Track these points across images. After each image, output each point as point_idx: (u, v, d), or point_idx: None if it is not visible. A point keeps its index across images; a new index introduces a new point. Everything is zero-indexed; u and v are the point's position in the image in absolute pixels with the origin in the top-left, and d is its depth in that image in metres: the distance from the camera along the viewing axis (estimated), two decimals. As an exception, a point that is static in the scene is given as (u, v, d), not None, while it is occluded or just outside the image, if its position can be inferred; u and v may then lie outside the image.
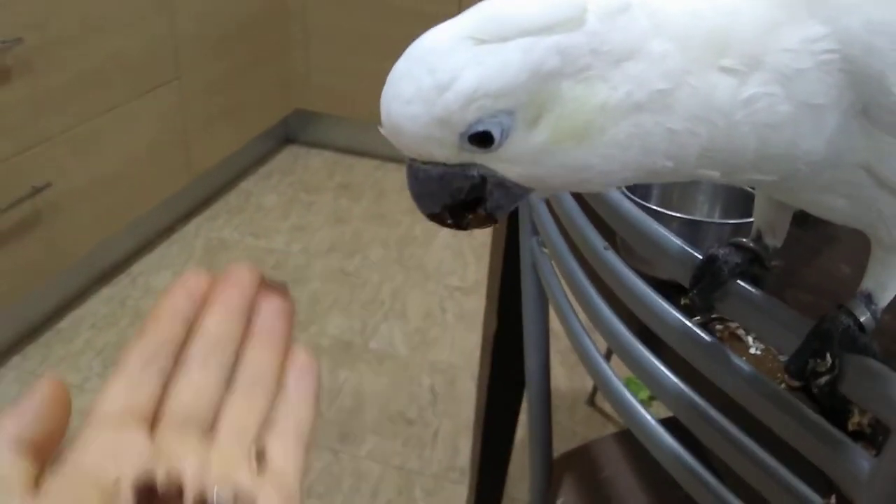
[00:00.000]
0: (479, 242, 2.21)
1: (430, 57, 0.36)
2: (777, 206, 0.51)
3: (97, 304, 1.94)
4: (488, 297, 1.20)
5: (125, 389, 0.32)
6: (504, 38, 0.35)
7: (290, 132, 2.89)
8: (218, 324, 0.34)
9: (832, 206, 0.42)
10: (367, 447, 1.60)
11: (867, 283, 0.45)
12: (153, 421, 0.32)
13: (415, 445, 1.61)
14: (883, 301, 0.45)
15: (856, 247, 0.52)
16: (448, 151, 0.38)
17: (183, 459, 0.30)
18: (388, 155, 2.79)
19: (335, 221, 2.41)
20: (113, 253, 2.07)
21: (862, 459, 0.41)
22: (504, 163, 0.38)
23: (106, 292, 1.99)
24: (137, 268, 2.09)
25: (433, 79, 0.36)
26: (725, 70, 0.37)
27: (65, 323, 1.87)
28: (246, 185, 2.59)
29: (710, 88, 0.37)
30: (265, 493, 0.30)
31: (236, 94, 2.42)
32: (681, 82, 0.36)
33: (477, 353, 1.27)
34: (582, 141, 0.37)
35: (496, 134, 0.36)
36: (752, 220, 0.54)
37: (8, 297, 1.69)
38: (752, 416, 0.49)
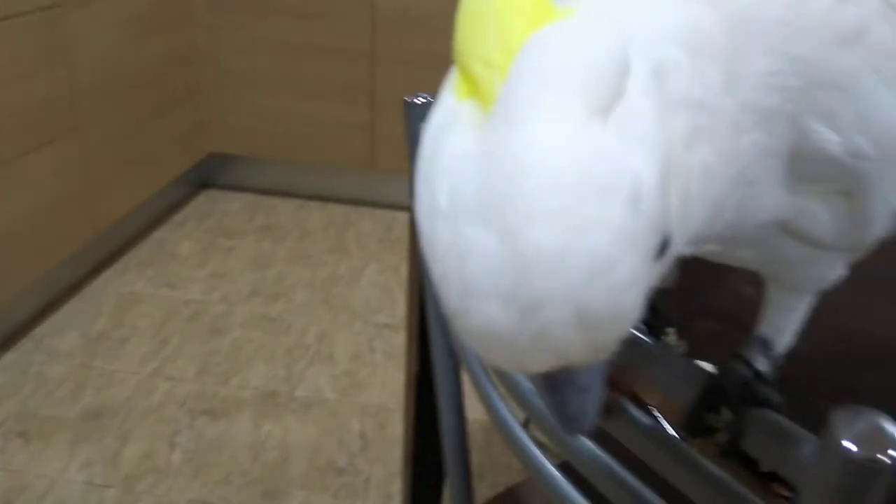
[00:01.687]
0: (406, 277, 2.15)
1: (570, 176, 0.23)
2: None
3: (-3, 373, 1.81)
4: (408, 336, 1.15)
5: None
6: (606, 95, 0.24)
7: (205, 177, 2.80)
8: None
9: (739, 257, 0.38)
10: (295, 503, 1.51)
11: (763, 328, 0.42)
12: None
13: (346, 496, 1.53)
14: (781, 346, 0.42)
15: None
16: None
17: None
18: (310, 193, 2.72)
19: (256, 266, 2.32)
20: (14, 315, 1.93)
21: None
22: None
23: (7, 358, 1.85)
24: (41, 330, 1.96)
25: (614, 197, 0.23)
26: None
27: (-40, 396, 1.73)
28: (159, 234, 2.48)
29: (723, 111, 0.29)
30: None
31: (145, 141, 2.32)
32: (712, 93, 0.29)
33: (404, 395, 1.21)
34: (690, 183, 0.28)
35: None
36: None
37: None
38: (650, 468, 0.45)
